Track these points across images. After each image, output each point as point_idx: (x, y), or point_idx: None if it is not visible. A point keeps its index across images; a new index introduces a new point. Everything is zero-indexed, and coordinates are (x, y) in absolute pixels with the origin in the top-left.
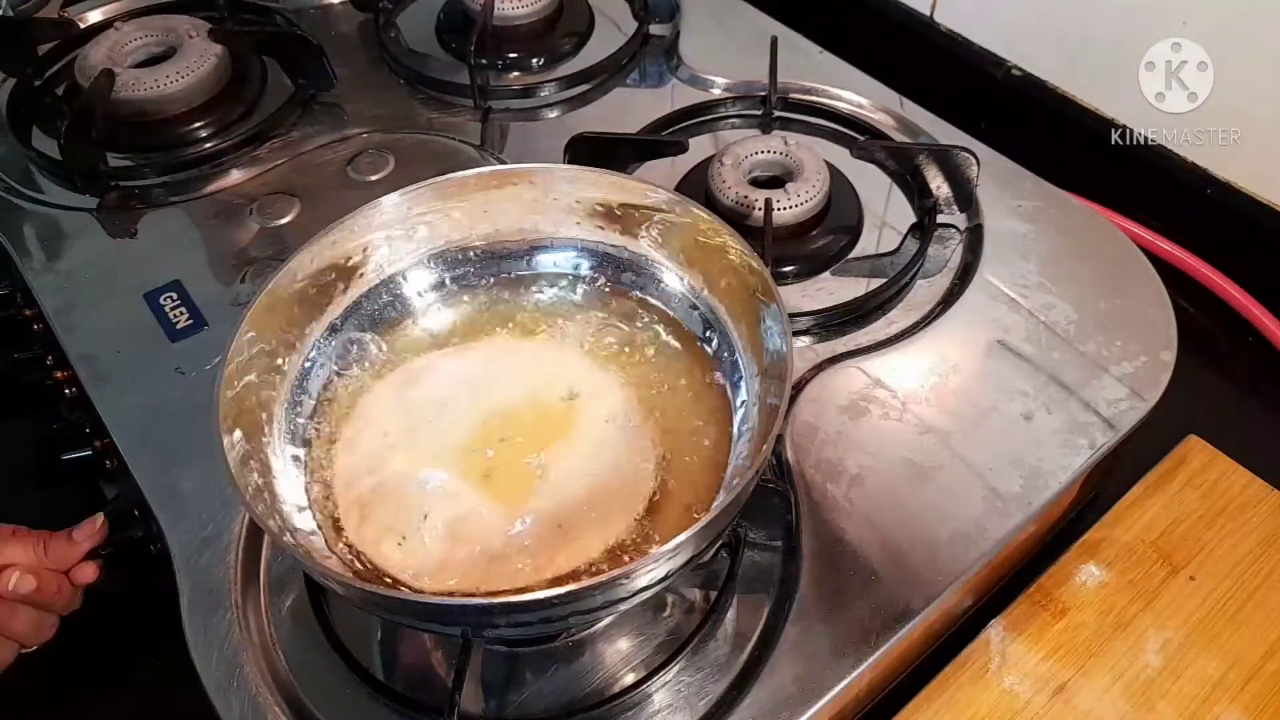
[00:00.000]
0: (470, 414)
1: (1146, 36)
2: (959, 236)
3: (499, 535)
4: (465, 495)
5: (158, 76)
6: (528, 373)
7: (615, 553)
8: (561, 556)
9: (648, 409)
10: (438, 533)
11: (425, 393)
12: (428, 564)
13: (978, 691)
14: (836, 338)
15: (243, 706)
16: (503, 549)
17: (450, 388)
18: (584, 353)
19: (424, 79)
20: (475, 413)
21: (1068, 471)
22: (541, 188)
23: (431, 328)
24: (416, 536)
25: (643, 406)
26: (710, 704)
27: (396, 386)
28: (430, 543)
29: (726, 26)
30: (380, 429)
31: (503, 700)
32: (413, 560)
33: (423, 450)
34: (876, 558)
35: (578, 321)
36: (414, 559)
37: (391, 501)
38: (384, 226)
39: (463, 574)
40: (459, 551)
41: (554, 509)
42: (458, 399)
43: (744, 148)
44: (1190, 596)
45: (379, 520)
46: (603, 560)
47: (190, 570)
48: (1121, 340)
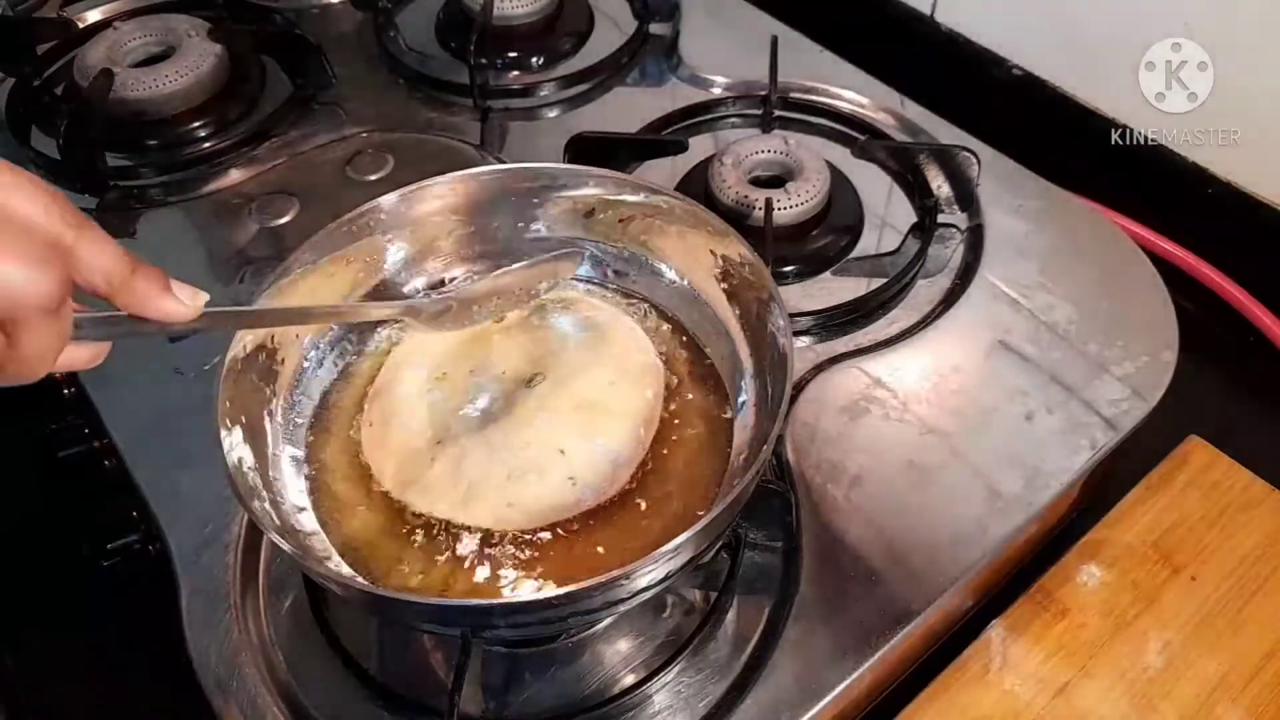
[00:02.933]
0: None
1: (1146, 36)
2: (960, 236)
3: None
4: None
5: (156, 76)
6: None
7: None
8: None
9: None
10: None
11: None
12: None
13: (979, 692)
14: (837, 338)
15: (242, 707)
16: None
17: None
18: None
19: (423, 79)
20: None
21: (1069, 472)
22: (542, 187)
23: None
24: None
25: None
26: (710, 705)
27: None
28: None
29: (727, 26)
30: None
31: (502, 701)
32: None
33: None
34: (877, 558)
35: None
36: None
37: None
38: (383, 226)
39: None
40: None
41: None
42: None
43: (744, 147)
44: (1191, 597)
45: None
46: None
47: (190, 570)
48: (1122, 340)
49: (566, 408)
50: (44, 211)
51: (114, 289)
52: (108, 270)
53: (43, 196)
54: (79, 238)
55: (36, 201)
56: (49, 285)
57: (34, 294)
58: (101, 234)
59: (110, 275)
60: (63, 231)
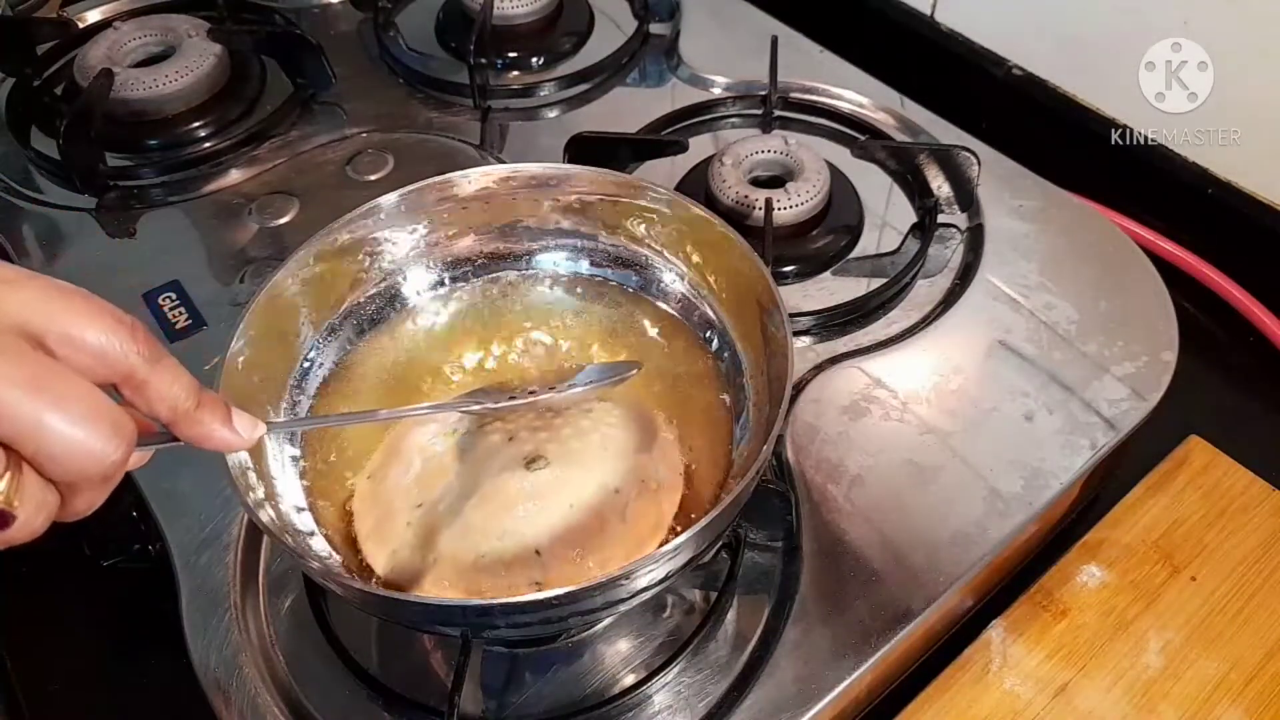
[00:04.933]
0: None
1: (1146, 36)
2: (960, 236)
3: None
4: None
5: (156, 76)
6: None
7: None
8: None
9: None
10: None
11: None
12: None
13: (979, 692)
14: (837, 338)
15: (242, 707)
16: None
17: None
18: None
19: (423, 79)
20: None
21: (1069, 472)
22: (541, 187)
23: (430, 328)
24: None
25: (645, 405)
26: (710, 705)
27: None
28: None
29: (727, 26)
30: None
31: (502, 701)
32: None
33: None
34: (877, 558)
35: (579, 321)
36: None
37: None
38: (383, 226)
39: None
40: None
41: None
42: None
43: (744, 147)
44: (1191, 597)
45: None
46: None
47: (189, 570)
48: (1123, 340)
49: (558, 504)
50: (119, 344)
51: (176, 419)
52: (175, 401)
53: (119, 328)
54: (153, 371)
55: (115, 333)
56: (119, 457)
57: (100, 468)
58: (175, 366)
59: (176, 406)
60: (137, 366)
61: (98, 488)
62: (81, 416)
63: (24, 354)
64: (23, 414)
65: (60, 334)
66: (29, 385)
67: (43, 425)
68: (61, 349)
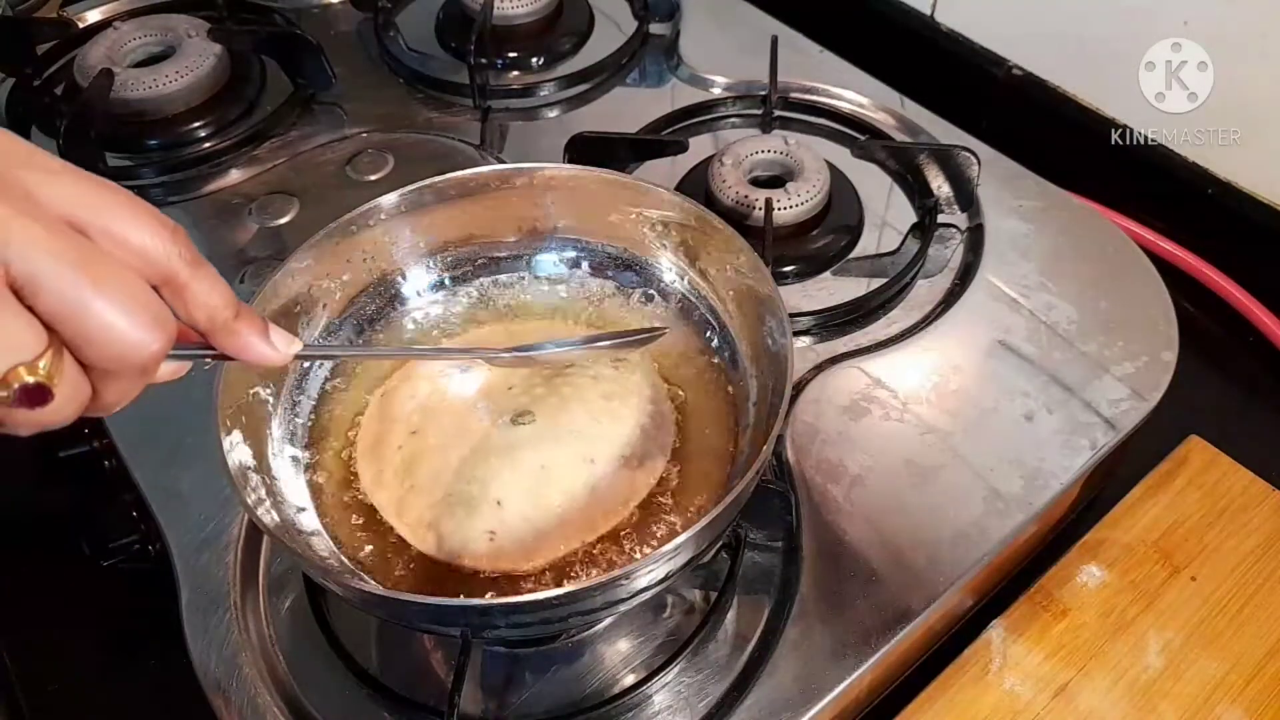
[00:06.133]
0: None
1: (1146, 36)
2: (960, 236)
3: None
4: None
5: (156, 76)
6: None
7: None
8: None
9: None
10: None
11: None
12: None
13: (979, 692)
14: (837, 338)
15: (242, 707)
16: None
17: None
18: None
19: (423, 79)
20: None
21: (1069, 472)
22: (541, 187)
23: (430, 328)
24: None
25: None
26: (710, 705)
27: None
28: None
29: (726, 26)
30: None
31: (502, 701)
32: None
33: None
34: (877, 558)
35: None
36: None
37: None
38: (383, 226)
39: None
40: None
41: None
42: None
43: (744, 147)
44: (1192, 597)
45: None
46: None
47: (189, 570)
48: (1123, 340)
49: (531, 462)
50: (162, 245)
51: (214, 328)
52: (213, 310)
53: (162, 229)
54: (193, 276)
55: (157, 234)
56: (157, 348)
57: (139, 358)
58: (214, 273)
59: (214, 315)
60: (179, 269)
61: (133, 379)
62: (125, 303)
63: (73, 237)
64: (69, 293)
65: (104, 229)
66: (78, 265)
67: (87, 306)
68: (105, 244)
